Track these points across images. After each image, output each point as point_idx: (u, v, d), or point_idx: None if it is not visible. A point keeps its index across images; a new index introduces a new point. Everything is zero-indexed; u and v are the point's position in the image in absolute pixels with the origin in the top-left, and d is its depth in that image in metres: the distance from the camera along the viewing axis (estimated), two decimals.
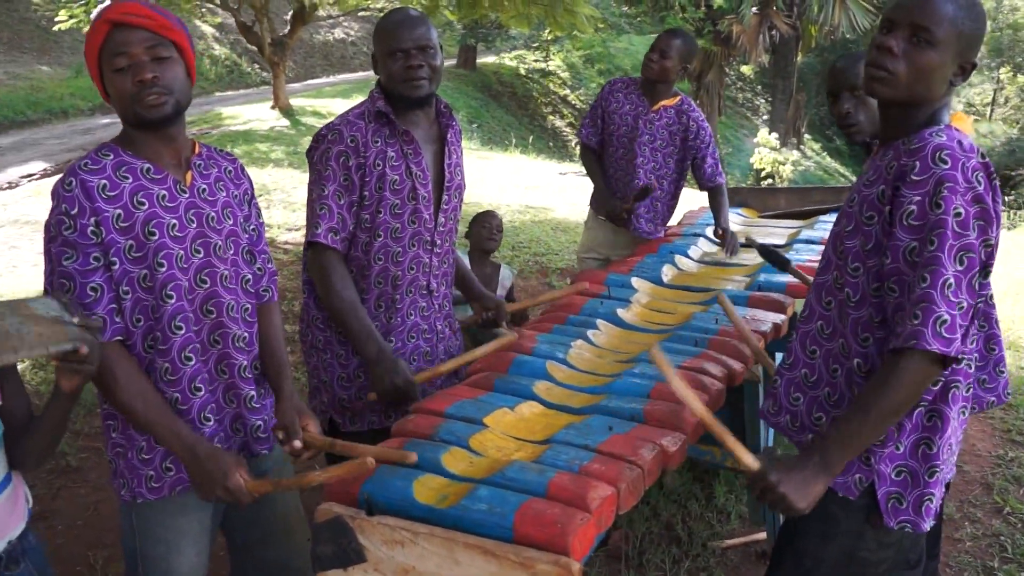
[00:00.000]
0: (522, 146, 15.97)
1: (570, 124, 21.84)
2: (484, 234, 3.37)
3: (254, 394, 1.85)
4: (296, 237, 6.60)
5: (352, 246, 2.29)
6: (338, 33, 22.60)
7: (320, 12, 13.01)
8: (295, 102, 13.95)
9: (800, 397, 1.78)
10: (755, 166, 17.61)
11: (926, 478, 1.62)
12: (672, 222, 3.98)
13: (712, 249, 3.54)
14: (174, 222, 1.69)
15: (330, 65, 21.70)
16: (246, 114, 13.24)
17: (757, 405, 2.68)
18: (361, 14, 14.89)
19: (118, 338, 1.66)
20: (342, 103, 14.18)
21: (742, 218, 4.18)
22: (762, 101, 27.11)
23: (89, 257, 1.62)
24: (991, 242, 1.52)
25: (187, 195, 1.73)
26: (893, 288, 1.55)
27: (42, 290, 1.68)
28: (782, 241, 3.61)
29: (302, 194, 7.67)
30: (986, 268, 1.54)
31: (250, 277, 1.86)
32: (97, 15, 1.62)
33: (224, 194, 1.81)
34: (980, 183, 1.50)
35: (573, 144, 20.08)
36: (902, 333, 1.49)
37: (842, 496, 1.65)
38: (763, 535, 3.02)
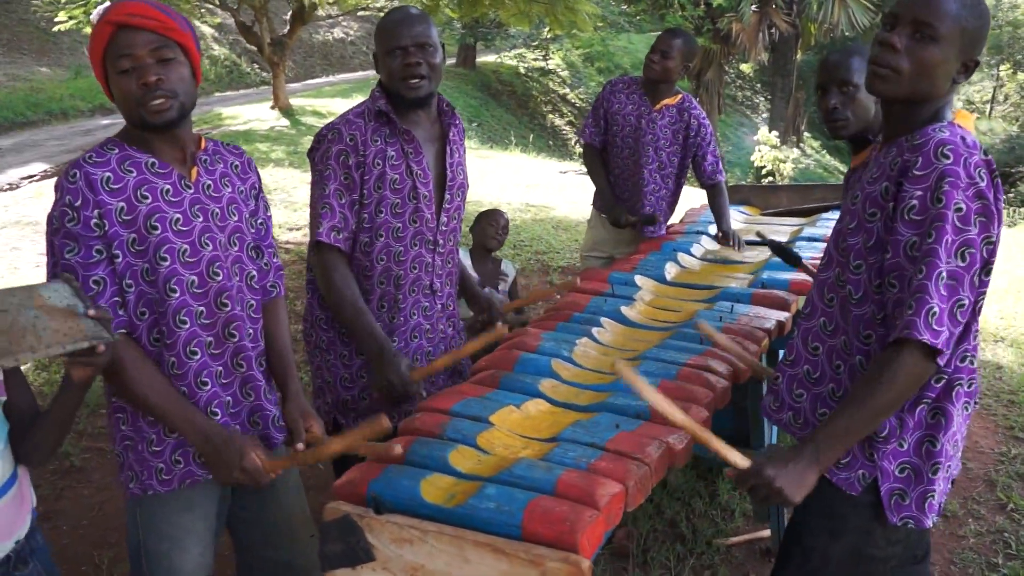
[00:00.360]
0: (522, 145, 15.97)
1: (570, 123, 21.84)
2: (490, 232, 3.36)
3: (268, 386, 1.86)
4: (297, 236, 6.60)
5: (354, 247, 2.29)
6: (337, 33, 22.60)
7: (319, 12, 13.00)
8: (295, 102, 13.95)
9: (803, 393, 1.78)
10: (756, 164, 17.63)
11: (929, 475, 1.62)
12: (674, 219, 3.98)
13: (715, 246, 3.54)
14: (178, 216, 1.69)
15: (330, 65, 21.71)
16: (246, 114, 13.24)
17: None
18: (360, 14, 14.88)
19: (122, 331, 1.66)
20: (342, 103, 14.18)
21: (744, 216, 4.17)
22: (762, 99, 27.11)
23: (92, 250, 1.62)
24: (992, 239, 1.52)
25: (192, 191, 1.73)
26: (893, 283, 1.55)
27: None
28: (784, 239, 3.61)
29: (303, 193, 7.67)
30: (987, 265, 1.54)
31: (255, 273, 1.86)
32: (100, 15, 1.61)
33: (229, 190, 1.81)
34: (982, 179, 1.50)
35: (573, 143, 20.09)
36: (898, 325, 1.49)
37: (849, 493, 1.65)
38: (767, 532, 3.02)
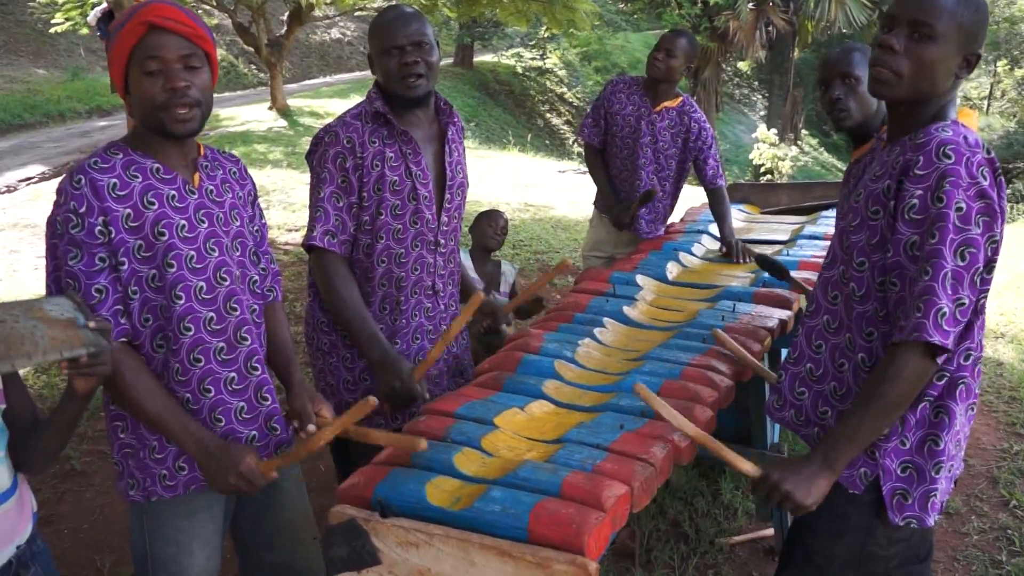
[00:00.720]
0: (520, 144, 15.97)
1: (567, 122, 21.83)
2: (489, 232, 3.35)
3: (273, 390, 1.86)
4: (296, 238, 6.59)
5: (354, 249, 2.27)
6: (335, 33, 22.60)
7: (316, 12, 12.98)
8: (292, 102, 13.95)
9: (805, 392, 1.78)
10: (754, 162, 17.64)
11: (932, 474, 1.62)
12: (674, 219, 3.97)
13: (716, 246, 3.53)
14: (183, 223, 1.68)
15: (327, 65, 21.70)
16: (243, 115, 13.23)
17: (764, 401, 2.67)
18: (357, 14, 14.88)
19: (123, 339, 1.65)
20: (339, 103, 14.18)
21: (744, 214, 4.16)
22: (759, 97, 27.13)
23: (95, 257, 1.61)
24: (996, 238, 1.52)
25: (196, 196, 1.72)
26: (894, 282, 1.55)
27: (45, 288, 1.67)
28: (785, 237, 3.61)
29: (301, 195, 7.66)
30: (990, 264, 1.54)
31: (256, 278, 1.86)
32: (130, 15, 1.60)
33: (230, 195, 1.81)
34: (985, 178, 1.50)
35: (571, 142, 20.09)
36: (905, 327, 1.49)
37: (851, 492, 1.64)
38: (770, 531, 3.02)
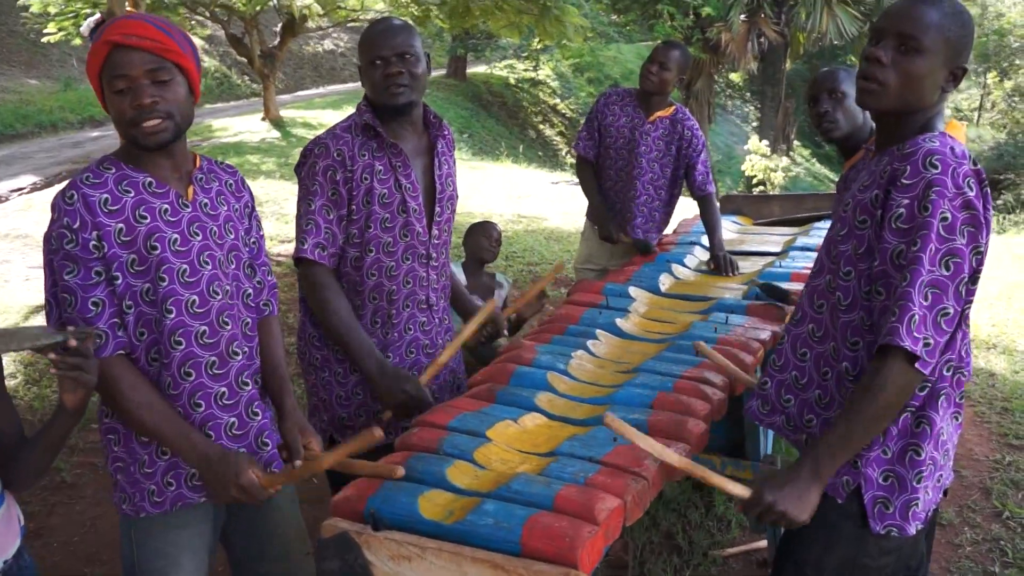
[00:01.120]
0: (513, 155, 15.99)
1: (560, 133, 21.88)
2: (484, 244, 3.34)
3: (266, 404, 1.86)
4: (289, 249, 6.58)
5: (342, 262, 2.27)
6: (327, 44, 22.62)
7: (310, 24, 13.02)
8: (285, 113, 13.95)
9: (791, 399, 1.79)
10: (746, 173, 17.67)
11: (913, 483, 1.62)
12: (667, 230, 3.98)
13: (708, 256, 3.53)
14: (176, 236, 1.68)
15: (320, 76, 21.72)
16: (236, 126, 13.22)
17: None
18: (350, 25, 14.89)
19: (121, 352, 1.65)
20: (332, 114, 14.18)
21: (737, 226, 4.17)
22: (751, 108, 27.22)
23: (91, 271, 1.61)
24: (981, 248, 1.53)
25: (190, 209, 1.72)
26: (880, 291, 1.56)
27: (44, 301, 1.68)
28: (778, 248, 3.62)
29: (293, 206, 7.58)
30: (975, 274, 1.55)
31: (251, 291, 1.85)
32: (90, 27, 1.61)
33: (226, 208, 1.81)
34: (971, 189, 1.51)
35: (564, 153, 20.13)
36: (883, 331, 1.50)
37: (839, 503, 1.64)
38: (764, 543, 3.02)
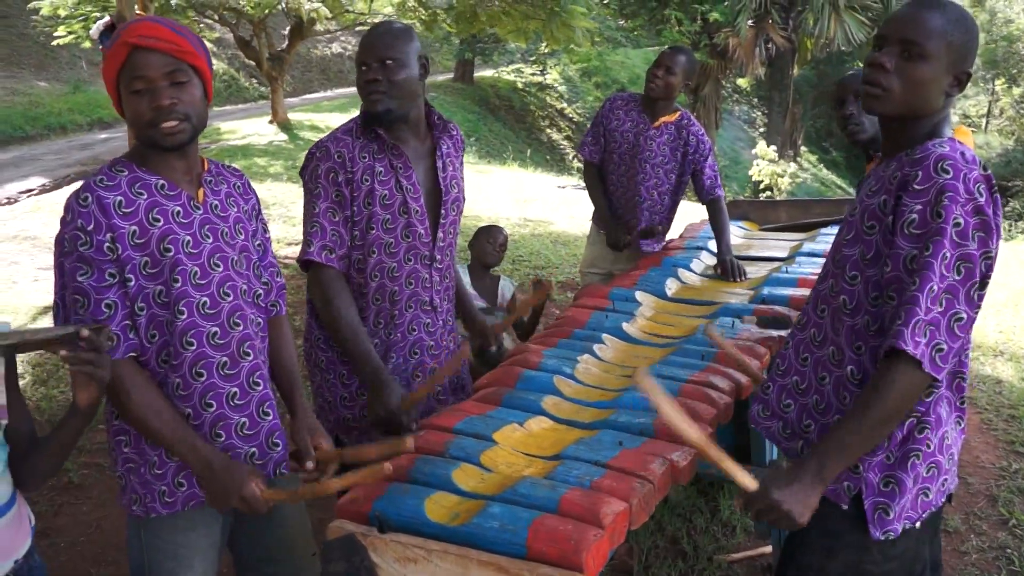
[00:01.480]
0: (520, 160, 16.01)
1: (567, 137, 21.90)
2: (489, 248, 3.35)
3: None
4: (296, 251, 6.60)
5: (347, 264, 2.27)
6: (336, 48, 22.69)
7: (318, 27, 13.05)
8: (293, 116, 14.00)
9: (791, 404, 1.78)
10: (753, 178, 17.67)
11: (914, 488, 1.62)
12: (673, 235, 3.98)
13: (715, 261, 3.53)
14: (188, 238, 1.69)
15: (328, 79, 21.79)
16: (244, 129, 13.28)
17: None
18: (359, 29, 14.91)
19: (132, 354, 1.66)
20: (340, 117, 14.21)
21: (743, 231, 4.17)
22: (759, 114, 27.23)
23: (104, 273, 1.62)
24: (991, 254, 1.53)
25: (201, 211, 1.73)
26: (892, 296, 1.56)
27: (53, 303, 1.69)
28: (784, 254, 3.62)
29: (301, 208, 7.66)
30: (984, 280, 1.55)
31: (260, 292, 1.86)
32: (100, 30, 1.63)
33: (235, 209, 1.82)
34: (981, 195, 1.51)
35: (571, 157, 20.14)
36: (889, 335, 1.50)
37: (843, 508, 1.64)
38: (769, 549, 3.01)
